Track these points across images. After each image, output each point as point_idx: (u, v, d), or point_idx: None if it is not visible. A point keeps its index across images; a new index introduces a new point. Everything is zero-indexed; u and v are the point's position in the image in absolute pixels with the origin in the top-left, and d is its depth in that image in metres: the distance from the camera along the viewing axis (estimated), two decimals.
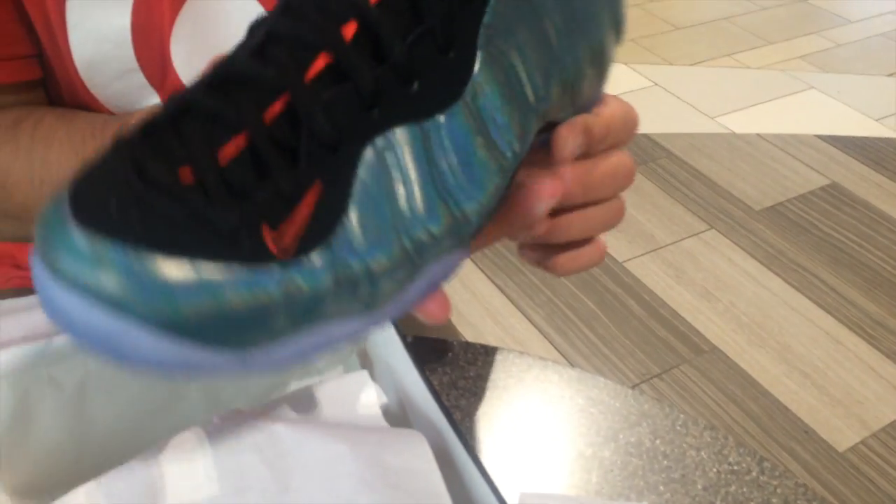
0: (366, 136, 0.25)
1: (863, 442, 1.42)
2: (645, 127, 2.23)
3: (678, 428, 0.56)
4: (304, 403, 0.42)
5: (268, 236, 0.23)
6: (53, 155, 0.46)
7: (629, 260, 1.78)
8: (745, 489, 0.53)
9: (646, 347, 1.57)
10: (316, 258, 0.24)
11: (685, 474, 0.53)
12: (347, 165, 0.25)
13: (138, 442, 0.43)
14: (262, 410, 0.40)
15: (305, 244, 0.24)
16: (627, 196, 0.36)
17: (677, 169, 2.07)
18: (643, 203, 1.95)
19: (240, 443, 0.37)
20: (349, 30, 0.25)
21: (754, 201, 1.98)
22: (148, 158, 0.23)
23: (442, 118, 0.26)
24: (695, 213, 1.93)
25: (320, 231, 0.24)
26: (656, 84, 2.46)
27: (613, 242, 1.81)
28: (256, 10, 0.47)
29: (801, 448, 1.40)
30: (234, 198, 0.23)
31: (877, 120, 2.33)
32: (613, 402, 0.58)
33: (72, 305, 0.22)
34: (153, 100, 0.49)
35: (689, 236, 1.86)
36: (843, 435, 1.43)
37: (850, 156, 2.17)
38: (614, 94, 0.35)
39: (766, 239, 1.86)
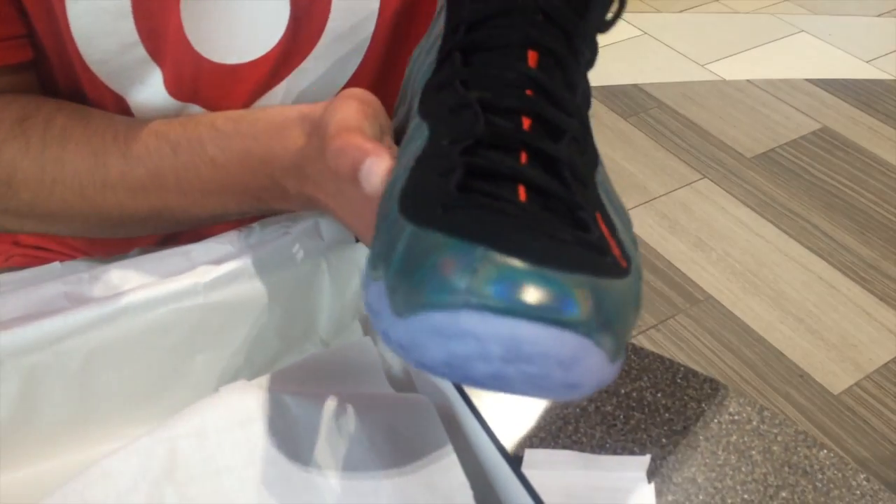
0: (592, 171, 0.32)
1: (857, 384, 1.44)
2: (635, 77, 2.21)
3: (678, 381, 0.57)
4: (310, 372, 0.42)
5: (615, 254, 0.28)
6: (69, 154, 0.45)
7: None
8: (746, 438, 0.54)
9: None
10: (633, 266, 0.29)
11: (687, 426, 0.54)
12: (596, 193, 0.31)
13: (146, 417, 0.43)
14: (269, 381, 0.40)
15: (626, 257, 0.29)
16: (619, 148, 0.38)
17: (668, 119, 2.06)
18: (635, 154, 1.94)
19: (248, 414, 0.37)
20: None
21: (746, 149, 1.98)
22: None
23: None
24: (687, 163, 1.93)
25: (624, 245, 0.29)
26: (645, 33, 2.43)
27: None
28: None
29: (796, 392, 1.42)
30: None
31: (867, 62, 2.32)
32: None
33: (535, 333, 0.23)
34: (154, 75, 0.47)
35: (682, 186, 1.86)
36: (837, 378, 1.45)
37: (841, 99, 2.16)
38: (604, 45, 0.36)
39: (758, 186, 1.86)
